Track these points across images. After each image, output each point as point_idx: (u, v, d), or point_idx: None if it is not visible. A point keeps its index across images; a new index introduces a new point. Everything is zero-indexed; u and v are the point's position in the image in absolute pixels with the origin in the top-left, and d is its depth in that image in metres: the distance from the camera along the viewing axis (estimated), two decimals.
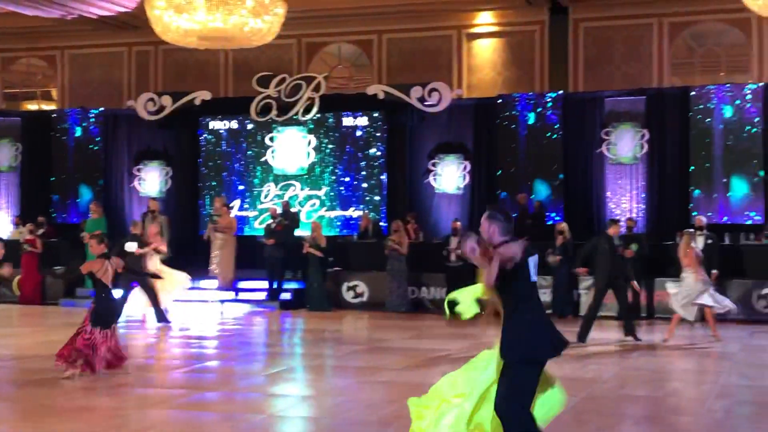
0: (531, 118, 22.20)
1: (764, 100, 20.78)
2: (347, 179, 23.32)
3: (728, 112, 20.87)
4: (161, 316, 16.65)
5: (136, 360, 12.91)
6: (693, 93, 21.27)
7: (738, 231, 19.68)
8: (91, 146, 25.04)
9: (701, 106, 21.07)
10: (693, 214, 20.51)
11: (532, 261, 6.34)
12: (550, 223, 21.18)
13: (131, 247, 16.76)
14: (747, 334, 15.54)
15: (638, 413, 9.33)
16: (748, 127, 20.78)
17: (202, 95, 23.85)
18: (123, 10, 23.93)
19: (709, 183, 21.02)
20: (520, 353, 6.22)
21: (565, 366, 11.85)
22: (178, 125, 24.47)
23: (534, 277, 6.36)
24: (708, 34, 23.69)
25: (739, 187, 20.79)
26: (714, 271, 17.13)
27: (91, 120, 25.05)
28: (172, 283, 16.94)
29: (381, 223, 22.36)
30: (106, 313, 10.97)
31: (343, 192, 23.31)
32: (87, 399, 9.73)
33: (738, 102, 20.85)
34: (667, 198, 21.61)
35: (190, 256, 21.17)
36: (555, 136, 22.07)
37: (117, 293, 16.02)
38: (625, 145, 21.73)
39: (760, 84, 21.30)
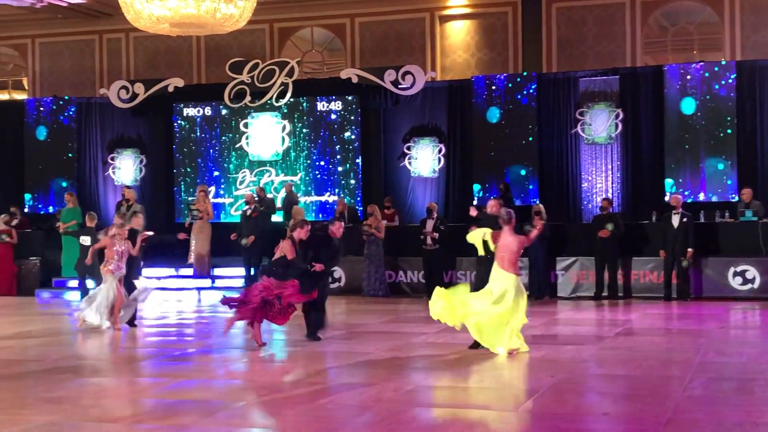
0: (505, 99, 22.19)
1: (737, 78, 20.85)
2: (322, 164, 23.27)
3: (702, 90, 20.93)
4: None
5: (110, 349, 12.87)
6: (666, 71, 21.32)
7: (713, 209, 19.75)
8: (63, 135, 24.82)
9: (675, 85, 21.12)
10: (668, 192, 20.63)
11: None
12: (518, 204, 21.14)
13: (85, 241, 16.24)
14: (723, 311, 15.62)
15: (617, 391, 9.36)
16: (721, 105, 20.84)
17: (175, 82, 23.79)
18: None
19: (683, 161, 21.08)
20: None
21: (543, 348, 11.88)
22: (151, 112, 24.38)
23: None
24: (680, 12, 23.74)
25: (714, 165, 20.88)
26: (689, 249, 17.23)
27: (63, 108, 24.82)
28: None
29: (358, 208, 22.34)
30: None
31: (318, 177, 23.27)
32: (65, 390, 9.64)
33: (711, 80, 20.90)
34: (642, 177, 21.70)
35: (165, 245, 20.97)
36: (529, 116, 22.07)
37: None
38: (600, 124, 21.77)
39: (733, 61, 21.39)
